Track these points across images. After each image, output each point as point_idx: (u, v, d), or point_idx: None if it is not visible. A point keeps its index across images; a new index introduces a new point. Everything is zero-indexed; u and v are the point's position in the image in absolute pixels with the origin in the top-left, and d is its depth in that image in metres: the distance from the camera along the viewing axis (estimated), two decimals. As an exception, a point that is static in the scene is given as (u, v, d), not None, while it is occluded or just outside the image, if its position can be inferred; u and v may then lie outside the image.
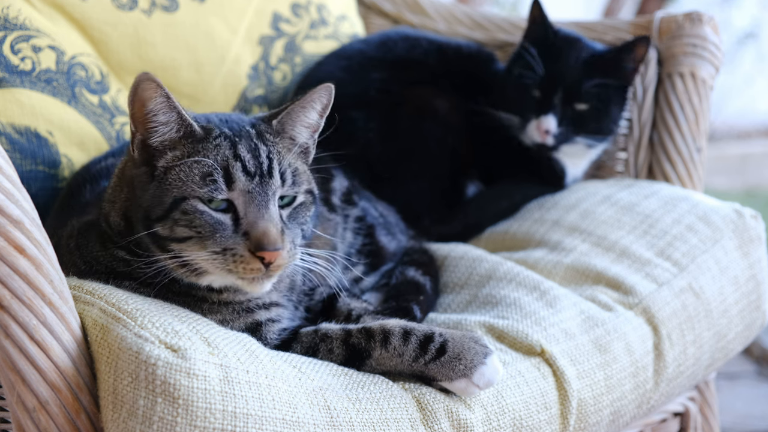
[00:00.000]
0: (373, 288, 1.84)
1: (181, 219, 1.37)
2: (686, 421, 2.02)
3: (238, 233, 1.37)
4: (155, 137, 1.41)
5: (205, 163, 1.38)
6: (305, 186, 1.46)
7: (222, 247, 1.36)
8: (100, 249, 1.48)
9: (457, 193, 2.20)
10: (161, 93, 1.39)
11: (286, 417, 1.32)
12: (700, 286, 1.86)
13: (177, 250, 1.38)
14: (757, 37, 5.75)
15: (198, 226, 1.37)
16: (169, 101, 1.39)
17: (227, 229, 1.37)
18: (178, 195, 1.37)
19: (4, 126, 1.80)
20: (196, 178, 1.37)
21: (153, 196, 1.39)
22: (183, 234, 1.38)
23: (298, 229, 1.44)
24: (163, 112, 1.40)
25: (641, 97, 2.24)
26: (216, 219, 1.37)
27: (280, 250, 1.36)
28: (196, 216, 1.37)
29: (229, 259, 1.36)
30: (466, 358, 1.44)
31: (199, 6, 2.15)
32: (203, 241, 1.37)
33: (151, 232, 1.39)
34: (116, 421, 1.27)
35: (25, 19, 1.87)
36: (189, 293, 1.46)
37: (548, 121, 2.08)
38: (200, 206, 1.37)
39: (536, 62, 2.11)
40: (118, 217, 1.46)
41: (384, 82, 2.19)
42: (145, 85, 1.38)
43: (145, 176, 1.42)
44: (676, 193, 2.06)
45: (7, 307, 1.24)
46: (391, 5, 2.56)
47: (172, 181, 1.38)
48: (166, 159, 1.40)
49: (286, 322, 1.54)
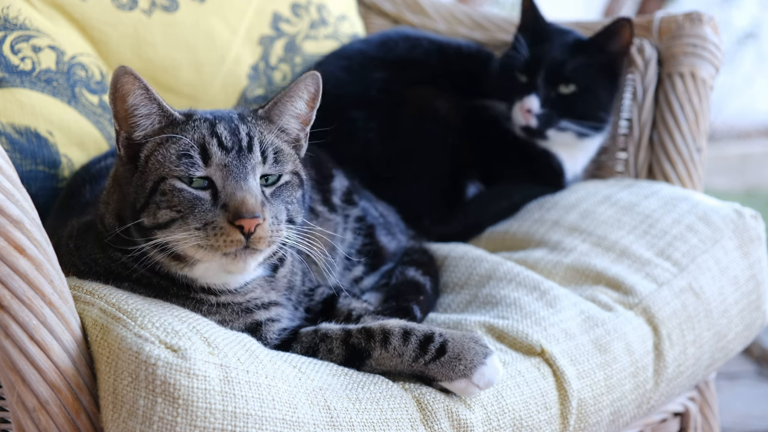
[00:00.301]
0: (373, 288, 1.84)
1: (161, 201, 1.37)
2: (686, 421, 2.02)
3: (217, 206, 1.37)
4: (138, 131, 1.42)
5: (182, 142, 1.38)
6: (290, 167, 1.46)
7: (202, 223, 1.36)
8: (99, 251, 1.48)
9: (458, 193, 2.20)
10: (140, 85, 1.39)
11: (286, 417, 1.32)
12: (700, 286, 1.86)
13: (162, 237, 1.38)
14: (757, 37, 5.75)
15: (177, 205, 1.37)
16: (148, 93, 1.40)
17: (206, 204, 1.37)
18: (157, 177, 1.38)
19: (4, 126, 1.80)
20: (172, 157, 1.38)
21: (136, 186, 1.40)
22: (165, 217, 1.37)
23: (282, 206, 1.43)
24: (144, 105, 1.40)
25: (641, 97, 2.24)
26: (195, 195, 1.37)
27: (259, 219, 1.35)
28: (174, 195, 1.37)
29: (210, 233, 1.35)
30: (466, 358, 1.44)
31: (199, 6, 2.15)
32: (185, 220, 1.36)
33: (137, 223, 1.39)
34: (116, 421, 1.27)
35: (25, 19, 1.87)
36: (187, 296, 1.46)
37: (530, 100, 2.10)
38: (178, 184, 1.37)
39: (522, 47, 2.14)
40: (112, 218, 1.46)
41: (385, 82, 2.19)
42: (124, 79, 1.38)
43: (130, 172, 1.42)
44: (676, 193, 2.06)
45: (7, 307, 1.24)
46: (391, 5, 2.56)
47: (151, 166, 1.39)
48: (148, 148, 1.41)
49: (285, 322, 1.54)
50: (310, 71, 1.50)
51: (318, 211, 1.76)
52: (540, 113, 2.09)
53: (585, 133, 2.15)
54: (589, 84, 2.12)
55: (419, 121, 2.16)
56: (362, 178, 2.02)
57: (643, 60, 2.23)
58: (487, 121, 2.18)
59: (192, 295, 1.46)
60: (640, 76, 2.23)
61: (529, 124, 2.11)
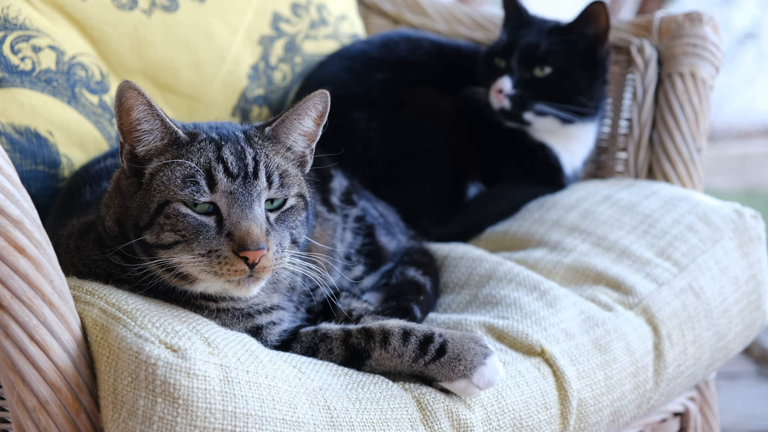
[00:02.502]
0: (373, 288, 1.84)
1: (165, 224, 1.36)
2: (686, 421, 2.02)
3: (221, 234, 1.36)
4: (141, 146, 1.41)
5: (187, 166, 1.37)
6: (295, 189, 1.44)
7: (207, 249, 1.35)
8: (98, 253, 1.48)
9: (458, 193, 2.20)
10: (143, 101, 1.38)
11: (286, 417, 1.32)
12: (700, 286, 1.86)
13: (165, 257, 1.37)
14: (757, 37, 5.75)
15: (182, 230, 1.36)
16: (151, 109, 1.38)
17: (211, 231, 1.36)
18: (162, 199, 1.37)
19: (4, 126, 1.80)
20: (177, 181, 1.37)
21: (140, 203, 1.39)
22: (169, 239, 1.37)
23: (287, 232, 1.42)
24: (147, 120, 1.39)
25: (641, 97, 2.24)
26: (199, 221, 1.36)
27: (264, 250, 1.35)
28: (179, 219, 1.36)
29: (214, 261, 1.35)
30: (466, 358, 1.44)
31: (199, 6, 2.15)
32: (189, 245, 1.36)
33: (140, 240, 1.38)
34: (116, 421, 1.27)
35: (25, 19, 1.87)
36: (188, 302, 1.45)
37: (502, 81, 2.11)
38: (183, 209, 1.36)
39: (503, 35, 2.18)
40: (112, 222, 1.45)
41: (386, 82, 2.19)
42: (128, 93, 1.37)
43: (134, 186, 1.41)
44: (676, 193, 2.06)
45: (7, 307, 1.24)
46: (391, 5, 2.56)
47: (156, 186, 1.38)
48: (152, 166, 1.40)
49: (286, 324, 1.54)
50: (320, 90, 1.48)
51: (317, 211, 1.76)
52: (512, 94, 2.10)
53: (568, 119, 2.13)
54: (564, 67, 2.12)
55: (420, 121, 2.16)
56: (363, 178, 2.02)
57: (643, 60, 2.23)
58: (484, 118, 2.18)
59: (192, 301, 1.45)
60: (640, 76, 2.23)
61: (503, 106, 2.11)
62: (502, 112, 2.13)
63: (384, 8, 2.57)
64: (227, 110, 2.19)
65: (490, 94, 2.13)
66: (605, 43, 2.15)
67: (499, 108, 2.12)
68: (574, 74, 2.13)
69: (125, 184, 1.43)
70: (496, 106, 2.13)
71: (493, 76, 2.14)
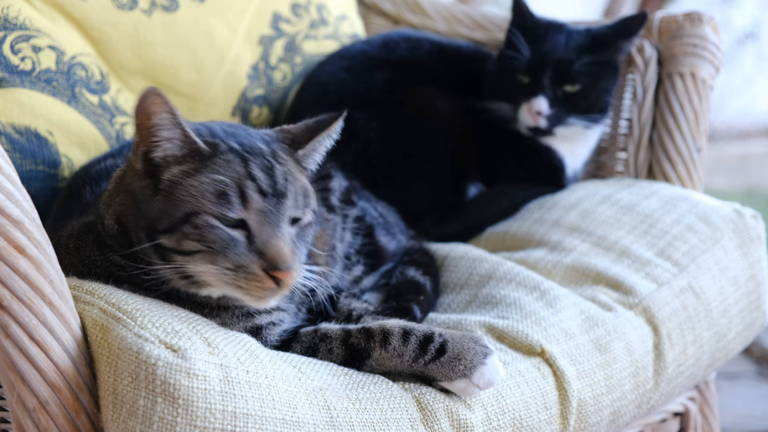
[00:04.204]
0: (373, 288, 1.84)
1: (191, 233, 1.35)
2: (686, 421, 2.02)
3: (251, 251, 1.35)
4: (158, 151, 1.39)
5: (219, 181, 1.35)
6: (312, 206, 1.45)
7: (234, 264, 1.34)
8: (98, 254, 1.47)
9: (458, 193, 2.20)
10: (166, 109, 1.36)
11: (286, 417, 1.32)
12: (700, 286, 1.86)
13: (181, 262, 1.36)
14: (757, 37, 5.75)
15: (210, 242, 1.34)
16: (173, 118, 1.37)
17: (240, 247, 1.35)
18: (189, 210, 1.35)
19: (4, 126, 1.80)
20: (208, 195, 1.35)
21: (160, 209, 1.37)
22: (191, 247, 1.35)
23: (304, 248, 1.43)
24: (167, 128, 1.37)
25: (641, 97, 2.24)
26: (229, 235, 1.35)
27: (292, 270, 1.35)
28: (207, 231, 1.34)
29: (241, 277, 1.34)
30: (466, 358, 1.44)
31: (199, 6, 2.15)
32: (213, 256, 1.35)
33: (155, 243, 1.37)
34: (116, 421, 1.27)
35: (25, 19, 1.87)
36: (189, 299, 1.45)
37: (539, 102, 2.09)
38: (213, 221, 1.35)
39: (523, 46, 2.12)
40: (112, 220, 1.44)
41: (386, 82, 2.19)
42: (151, 99, 1.35)
43: (149, 189, 1.39)
44: (676, 193, 2.06)
45: (7, 307, 1.24)
46: (391, 5, 2.56)
47: (182, 196, 1.36)
48: (172, 173, 1.38)
49: (286, 325, 1.54)
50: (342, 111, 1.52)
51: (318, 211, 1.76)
52: (549, 114, 2.09)
53: (589, 125, 2.16)
54: (594, 79, 2.12)
55: (420, 121, 2.16)
56: (363, 178, 2.02)
57: (643, 60, 2.23)
58: (487, 121, 2.18)
59: (194, 299, 1.45)
60: (640, 76, 2.23)
61: (539, 125, 2.11)
62: (533, 129, 2.13)
63: (384, 8, 2.57)
64: (227, 110, 2.19)
65: (521, 113, 2.11)
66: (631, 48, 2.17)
67: (532, 126, 2.12)
68: (601, 85, 2.14)
69: (138, 186, 1.41)
70: (529, 125, 2.11)
71: (523, 94, 2.11)
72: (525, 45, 2.12)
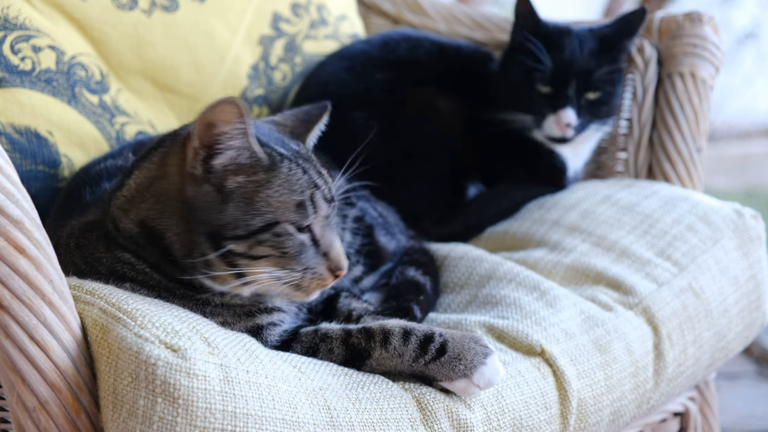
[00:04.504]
0: (372, 288, 1.84)
1: (269, 240, 1.40)
2: (686, 421, 2.02)
3: (318, 254, 1.43)
4: (221, 159, 1.40)
5: (298, 192, 1.42)
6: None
7: (304, 267, 1.42)
8: (104, 250, 1.48)
9: (458, 193, 2.20)
10: (241, 120, 1.37)
11: (286, 417, 1.32)
12: (700, 286, 1.86)
13: (245, 266, 1.40)
14: (757, 37, 5.76)
15: (286, 248, 1.40)
16: (245, 128, 1.39)
17: (310, 250, 1.42)
18: (272, 219, 1.40)
19: (4, 126, 1.80)
20: (290, 205, 1.41)
21: (233, 216, 1.39)
22: (262, 253, 1.40)
23: None
24: (238, 137, 1.39)
25: (641, 97, 2.24)
26: (302, 241, 1.42)
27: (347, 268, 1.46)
28: (287, 239, 1.40)
29: (307, 276, 1.42)
30: (467, 358, 1.44)
31: (199, 6, 2.15)
32: (283, 260, 1.41)
33: (221, 249, 1.39)
34: (116, 421, 1.27)
35: (25, 19, 1.87)
36: (192, 297, 1.45)
37: (568, 114, 2.08)
38: (291, 229, 1.41)
39: (544, 55, 2.09)
40: (132, 224, 1.45)
41: (386, 82, 2.19)
42: (228, 107, 1.36)
43: (213, 195, 1.40)
44: (676, 193, 2.06)
45: (7, 307, 1.24)
46: (391, 5, 2.56)
47: (260, 206, 1.39)
48: (238, 182, 1.40)
49: (286, 325, 1.54)
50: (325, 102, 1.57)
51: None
52: (577, 124, 2.09)
53: (599, 128, 2.17)
54: (612, 86, 2.13)
55: (420, 121, 2.16)
56: (363, 178, 2.02)
57: (643, 60, 2.23)
58: (490, 123, 2.17)
59: (198, 296, 1.46)
60: (640, 76, 2.23)
61: (566, 136, 2.10)
62: (557, 139, 2.12)
63: (384, 8, 2.57)
64: (227, 110, 2.19)
65: (548, 125, 2.09)
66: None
67: (559, 137, 2.11)
68: (617, 89, 2.15)
69: (194, 192, 1.41)
70: (555, 136, 2.11)
71: (548, 106, 2.09)
72: (546, 54, 2.09)
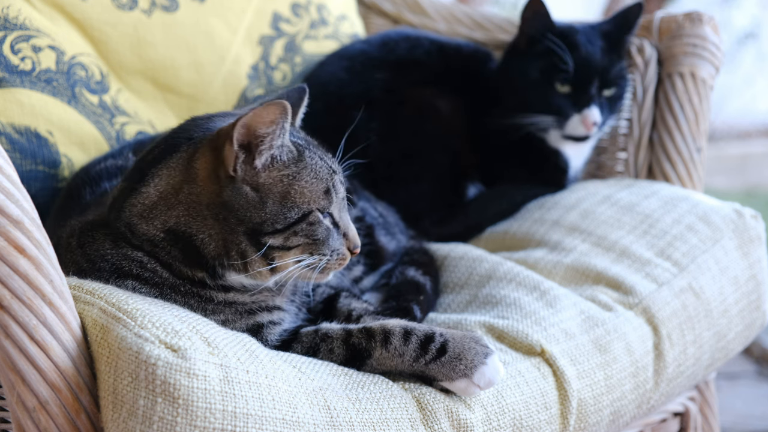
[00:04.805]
0: (373, 288, 1.84)
1: (303, 230, 1.44)
2: (686, 421, 2.02)
3: (340, 236, 1.49)
4: (261, 159, 1.42)
5: (324, 179, 1.47)
6: None
7: (331, 250, 1.47)
8: (110, 247, 1.47)
9: (458, 193, 2.20)
10: (286, 119, 1.41)
11: (286, 417, 1.32)
12: (700, 286, 1.86)
13: (279, 257, 1.44)
14: (757, 37, 5.76)
15: (317, 234, 1.45)
16: (285, 126, 1.42)
17: (334, 233, 1.48)
18: (307, 209, 1.44)
19: (4, 126, 1.80)
20: (319, 192, 1.45)
21: (272, 212, 1.42)
22: (296, 242, 1.44)
23: None
24: (280, 136, 1.42)
25: (641, 97, 2.24)
26: (327, 225, 1.47)
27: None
28: (318, 226, 1.45)
29: (333, 258, 1.48)
30: (467, 358, 1.44)
31: (199, 6, 2.15)
32: (313, 246, 1.45)
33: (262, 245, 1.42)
34: (116, 421, 1.27)
35: (25, 19, 1.87)
36: (196, 294, 1.46)
37: (594, 113, 2.08)
38: (320, 216, 1.46)
39: (566, 54, 2.09)
40: (157, 230, 1.45)
41: (386, 82, 2.19)
42: (275, 109, 1.38)
43: (251, 194, 1.42)
44: (676, 193, 2.06)
45: (7, 307, 1.24)
46: (391, 5, 2.56)
47: (296, 198, 1.43)
48: (273, 176, 1.43)
49: (287, 324, 1.54)
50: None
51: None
52: (600, 122, 2.10)
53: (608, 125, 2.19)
54: (624, 82, 2.15)
55: (420, 121, 2.16)
56: (362, 178, 2.02)
57: (643, 60, 2.23)
58: (496, 125, 2.17)
59: (202, 293, 1.46)
60: (640, 76, 2.23)
61: (590, 134, 2.11)
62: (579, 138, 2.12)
63: (384, 8, 2.57)
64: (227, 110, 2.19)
65: (573, 124, 2.09)
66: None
67: (583, 136, 2.11)
68: (627, 84, 2.16)
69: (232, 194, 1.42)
70: (580, 135, 2.11)
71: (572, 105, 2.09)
72: (568, 54, 2.08)
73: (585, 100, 2.09)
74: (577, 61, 2.09)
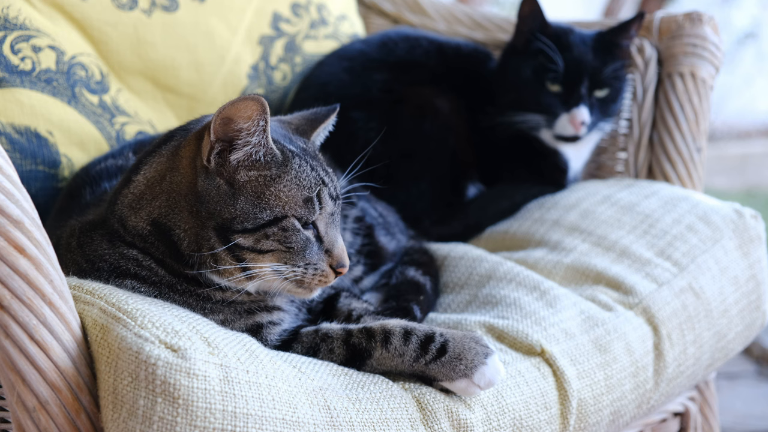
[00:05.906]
0: (373, 288, 1.84)
1: (275, 234, 1.41)
2: (686, 421, 2.02)
3: (321, 250, 1.45)
4: (237, 154, 1.41)
5: (306, 188, 1.43)
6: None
7: (306, 263, 1.43)
8: (108, 247, 1.48)
9: (458, 193, 2.20)
10: (263, 117, 1.39)
11: (286, 417, 1.32)
12: (700, 286, 1.86)
13: (250, 260, 1.41)
14: (757, 37, 5.76)
15: (291, 242, 1.42)
16: (265, 126, 1.40)
17: (314, 246, 1.44)
18: (280, 213, 1.41)
19: (4, 126, 1.80)
20: (298, 199, 1.43)
21: (242, 209, 1.40)
22: (268, 247, 1.42)
23: None
24: (257, 134, 1.40)
25: (641, 97, 2.24)
26: (307, 237, 1.43)
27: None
28: (293, 233, 1.42)
29: (309, 272, 1.44)
30: (467, 358, 1.44)
31: (199, 6, 2.15)
32: (288, 254, 1.42)
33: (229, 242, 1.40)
34: (116, 421, 1.27)
35: (25, 19, 1.87)
36: (193, 292, 1.46)
37: (582, 112, 2.09)
38: (297, 224, 1.43)
39: (556, 54, 2.10)
40: (143, 222, 1.45)
41: (385, 82, 2.19)
42: (252, 104, 1.37)
43: (224, 188, 1.41)
44: (676, 193, 2.06)
45: (7, 307, 1.24)
46: (391, 5, 2.56)
47: (269, 200, 1.41)
48: (250, 176, 1.42)
49: (286, 325, 1.54)
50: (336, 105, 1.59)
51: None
52: (589, 122, 2.10)
53: (603, 127, 2.18)
54: (619, 83, 2.14)
55: (420, 121, 2.16)
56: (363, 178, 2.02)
57: (643, 60, 2.23)
58: (493, 123, 2.17)
59: (200, 292, 1.46)
60: (640, 76, 2.23)
61: (579, 134, 2.10)
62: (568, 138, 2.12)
63: (384, 8, 2.57)
64: (227, 110, 2.19)
65: (561, 123, 2.10)
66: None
67: (572, 136, 2.11)
68: (622, 87, 2.15)
69: (205, 185, 1.42)
70: (568, 134, 2.11)
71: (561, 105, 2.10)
72: (558, 54, 2.10)
73: (574, 99, 2.09)
74: (567, 61, 2.09)
